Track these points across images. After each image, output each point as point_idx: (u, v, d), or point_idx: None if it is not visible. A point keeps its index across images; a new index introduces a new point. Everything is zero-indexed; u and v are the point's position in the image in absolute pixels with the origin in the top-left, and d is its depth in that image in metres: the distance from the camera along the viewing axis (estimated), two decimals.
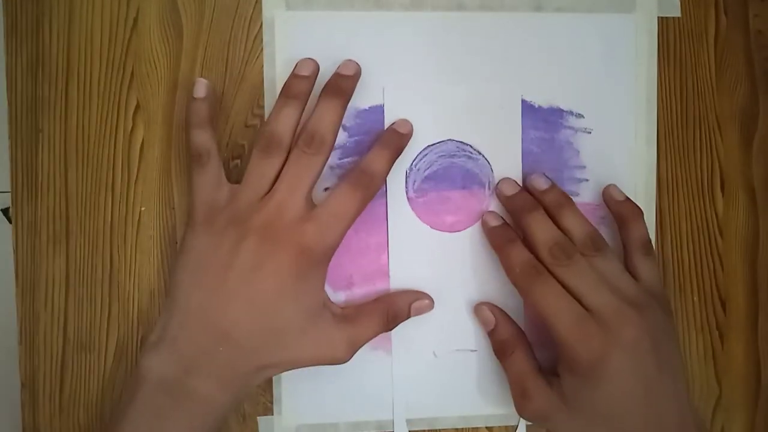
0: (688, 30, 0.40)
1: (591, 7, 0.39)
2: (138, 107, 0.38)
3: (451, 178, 0.38)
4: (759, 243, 0.40)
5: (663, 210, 0.40)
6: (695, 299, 0.40)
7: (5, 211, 0.90)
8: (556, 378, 0.35)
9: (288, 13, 0.37)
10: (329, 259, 0.34)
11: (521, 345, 0.36)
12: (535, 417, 0.35)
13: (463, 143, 0.38)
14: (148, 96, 0.38)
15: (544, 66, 0.39)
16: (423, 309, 0.37)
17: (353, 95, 0.35)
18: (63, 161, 0.37)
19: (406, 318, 0.37)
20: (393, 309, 0.36)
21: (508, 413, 0.39)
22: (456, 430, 0.39)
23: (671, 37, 0.40)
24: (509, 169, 0.38)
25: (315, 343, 0.33)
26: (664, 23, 0.39)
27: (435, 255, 0.38)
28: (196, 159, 0.34)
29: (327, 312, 0.34)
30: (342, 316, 0.35)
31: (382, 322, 0.36)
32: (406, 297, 0.37)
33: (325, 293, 0.35)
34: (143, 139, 0.38)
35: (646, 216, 0.39)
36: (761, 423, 0.40)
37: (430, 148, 0.38)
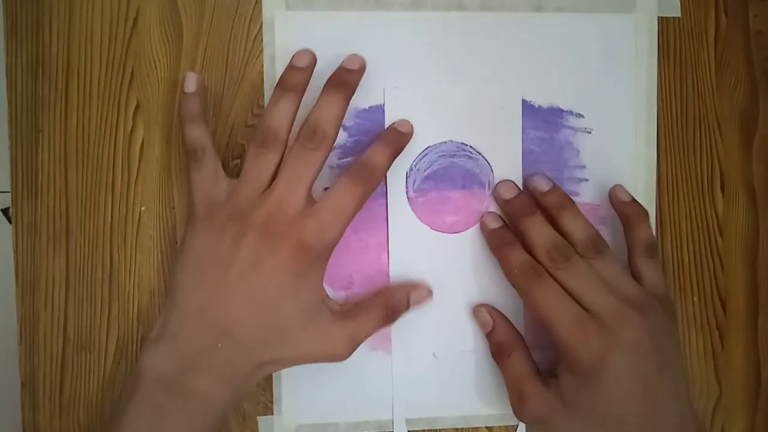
0: (688, 30, 0.40)
1: (591, 7, 0.39)
2: (138, 107, 0.38)
3: (451, 178, 0.38)
4: (759, 243, 0.40)
5: (663, 210, 0.40)
6: (695, 299, 0.40)
7: (5, 211, 0.90)
8: (553, 380, 0.35)
9: (288, 13, 0.37)
10: (329, 255, 0.34)
11: (519, 347, 0.36)
12: (533, 419, 0.35)
13: (463, 143, 0.38)
14: (148, 96, 0.38)
15: (544, 66, 0.39)
16: (421, 300, 0.37)
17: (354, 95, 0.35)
18: (63, 161, 0.37)
19: (405, 310, 0.36)
20: (392, 302, 0.36)
21: (507, 413, 0.39)
22: (456, 430, 0.39)
23: (671, 37, 0.40)
24: (509, 169, 0.38)
25: (314, 340, 0.33)
26: (664, 23, 0.39)
27: (435, 255, 0.38)
28: (191, 155, 0.34)
29: (326, 308, 0.34)
30: (341, 312, 0.35)
31: (381, 316, 0.35)
32: (404, 289, 0.37)
33: (324, 290, 0.35)
34: (143, 139, 0.38)
35: None
36: (761, 423, 0.40)
37: (430, 148, 0.38)
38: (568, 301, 0.33)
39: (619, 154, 0.39)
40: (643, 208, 0.37)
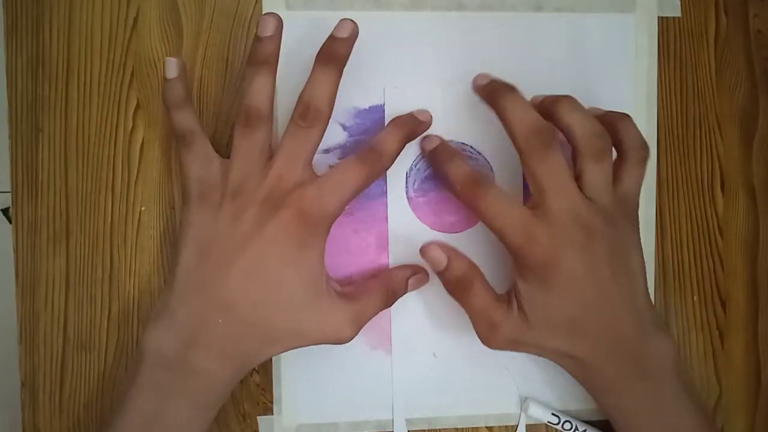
0: (688, 30, 0.40)
1: (591, 7, 0.39)
2: (138, 107, 0.38)
3: None
4: (759, 243, 0.40)
5: (663, 210, 0.40)
6: (695, 299, 0.40)
7: (5, 211, 0.90)
8: (513, 299, 0.34)
9: (288, 13, 0.37)
10: (328, 229, 0.33)
11: (478, 277, 0.35)
12: (507, 344, 0.34)
13: (464, 143, 0.38)
14: (148, 96, 0.38)
15: (544, 66, 0.39)
16: (420, 282, 0.37)
17: (353, 95, 0.35)
18: (63, 161, 0.37)
19: (404, 293, 0.36)
20: (392, 285, 0.36)
21: (508, 413, 0.39)
22: (456, 430, 0.39)
23: (671, 37, 0.40)
24: (509, 169, 0.38)
25: (319, 318, 0.33)
26: (664, 23, 0.39)
27: None
28: (181, 139, 0.34)
29: (330, 288, 0.34)
30: (343, 294, 0.34)
31: (382, 298, 0.35)
32: (403, 272, 0.37)
33: (326, 268, 0.34)
34: (143, 139, 0.38)
35: (646, 216, 0.39)
36: (761, 423, 0.40)
37: None
38: (517, 207, 0.32)
39: None
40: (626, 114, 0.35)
